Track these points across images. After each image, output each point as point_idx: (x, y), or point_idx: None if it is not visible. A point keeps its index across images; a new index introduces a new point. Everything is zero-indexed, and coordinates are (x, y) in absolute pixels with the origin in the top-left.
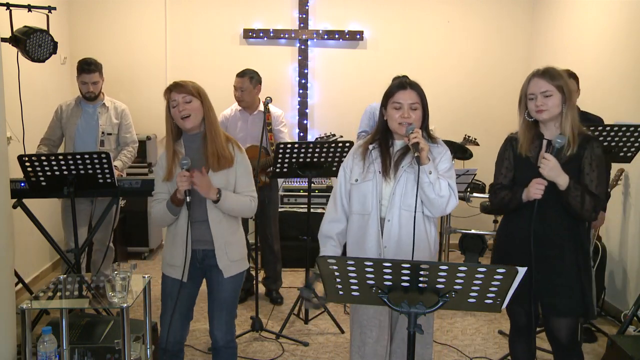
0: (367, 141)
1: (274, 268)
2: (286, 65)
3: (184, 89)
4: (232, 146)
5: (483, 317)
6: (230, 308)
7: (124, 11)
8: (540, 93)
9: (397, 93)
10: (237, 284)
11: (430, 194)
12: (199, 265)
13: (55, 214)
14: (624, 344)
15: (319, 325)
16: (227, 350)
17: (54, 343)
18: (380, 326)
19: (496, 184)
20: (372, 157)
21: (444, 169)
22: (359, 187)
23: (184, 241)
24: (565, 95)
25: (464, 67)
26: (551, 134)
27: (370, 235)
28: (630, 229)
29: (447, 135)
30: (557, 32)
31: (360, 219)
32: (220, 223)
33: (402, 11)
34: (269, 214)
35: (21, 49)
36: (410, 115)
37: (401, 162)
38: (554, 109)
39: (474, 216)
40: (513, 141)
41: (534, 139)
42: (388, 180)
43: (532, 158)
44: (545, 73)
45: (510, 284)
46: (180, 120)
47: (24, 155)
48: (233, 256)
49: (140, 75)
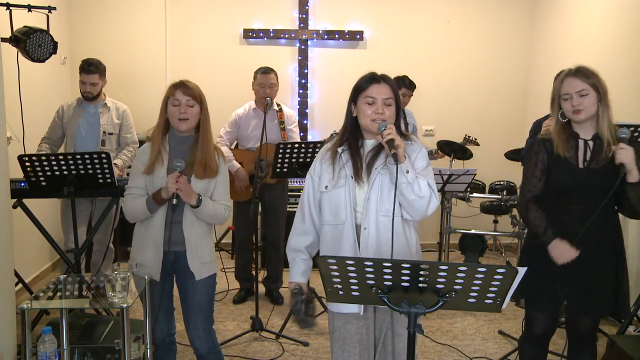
0: (335, 143)
1: (276, 268)
2: (286, 65)
3: (189, 92)
4: (217, 156)
5: (483, 317)
6: (206, 313)
7: (124, 11)
8: (576, 92)
9: (370, 87)
10: (211, 287)
11: (409, 195)
12: (170, 266)
13: (55, 214)
14: (624, 344)
15: (319, 325)
16: (211, 355)
17: (54, 343)
18: (362, 340)
19: (528, 192)
20: (342, 160)
21: (420, 167)
22: (329, 195)
23: (155, 241)
24: (600, 94)
25: (464, 67)
26: (586, 134)
27: (346, 246)
28: (630, 229)
29: (447, 135)
30: (557, 32)
31: (334, 230)
32: (192, 226)
33: (402, 11)
34: (278, 214)
35: (21, 49)
36: (384, 111)
37: (374, 164)
38: (590, 108)
39: (474, 216)
40: (546, 143)
41: (569, 139)
42: (361, 185)
43: (570, 158)
44: (579, 72)
45: (510, 284)
46: (177, 121)
47: (24, 155)
48: (204, 258)
49: (140, 75)
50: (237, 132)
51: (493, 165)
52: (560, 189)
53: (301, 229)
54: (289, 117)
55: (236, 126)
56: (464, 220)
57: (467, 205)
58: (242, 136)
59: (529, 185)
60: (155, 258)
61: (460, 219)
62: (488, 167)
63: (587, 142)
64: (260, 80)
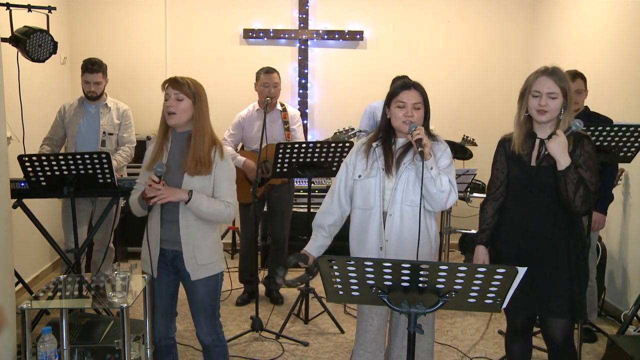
0: (370, 139)
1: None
2: (286, 65)
3: (178, 86)
4: (214, 152)
5: (483, 317)
6: (208, 311)
7: (124, 11)
8: (547, 93)
9: (402, 93)
10: (212, 287)
11: (431, 189)
12: (170, 264)
13: (55, 214)
14: (624, 344)
15: (319, 325)
16: (216, 349)
17: (54, 343)
18: (381, 314)
19: (488, 192)
20: (375, 154)
21: (444, 165)
22: (362, 183)
23: (154, 238)
24: (567, 100)
25: (464, 67)
26: (544, 134)
27: (372, 230)
28: (630, 229)
29: (446, 135)
30: (557, 32)
31: (363, 214)
32: (189, 226)
33: (402, 11)
34: (283, 216)
35: (21, 49)
36: (413, 114)
37: (403, 159)
38: (554, 112)
39: (474, 216)
40: (505, 142)
41: (527, 137)
42: (390, 177)
43: (524, 156)
44: (554, 73)
45: (510, 284)
46: (166, 115)
47: (24, 155)
48: (202, 260)
49: (140, 76)
50: (241, 133)
51: None
52: (515, 187)
53: (328, 209)
54: (293, 117)
55: (240, 128)
56: (464, 220)
57: (467, 205)
58: (247, 137)
59: (491, 187)
60: (153, 255)
61: (460, 219)
62: (488, 167)
63: (543, 141)
64: (264, 80)
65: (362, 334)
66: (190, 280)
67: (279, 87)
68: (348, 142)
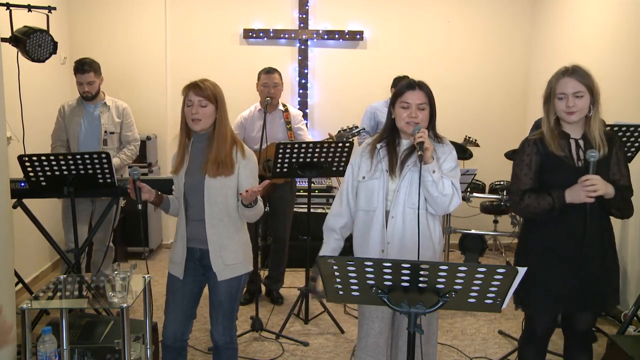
0: (375, 139)
1: (278, 269)
2: (286, 65)
3: (201, 92)
4: (236, 152)
5: (483, 317)
6: (226, 311)
7: (124, 11)
8: (572, 94)
9: (406, 93)
10: (234, 287)
11: (433, 192)
12: (199, 263)
13: (55, 214)
14: (624, 344)
15: (319, 325)
16: (227, 350)
17: (54, 343)
18: (383, 318)
19: (521, 187)
20: (380, 155)
21: (448, 168)
22: (366, 184)
23: (182, 237)
24: (594, 96)
25: (464, 68)
26: (576, 134)
27: (375, 231)
28: (630, 229)
29: (446, 135)
30: (557, 32)
31: (366, 215)
32: (215, 226)
33: (402, 11)
34: (284, 216)
35: (21, 49)
36: (417, 115)
37: (407, 161)
38: (584, 110)
39: (474, 216)
40: (538, 142)
41: (560, 137)
42: (394, 179)
43: (564, 158)
44: (576, 72)
45: (510, 284)
46: (191, 122)
47: (24, 155)
48: (228, 260)
49: (140, 76)
50: (243, 134)
51: (493, 166)
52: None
53: (338, 211)
54: (295, 117)
55: (242, 128)
56: (464, 220)
57: (467, 205)
58: (249, 138)
59: (519, 184)
60: (182, 254)
61: (460, 219)
62: (488, 167)
63: (577, 142)
64: (264, 80)
65: (363, 338)
66: (216, 279)
67: (279, 87)
68: (348, 142)
